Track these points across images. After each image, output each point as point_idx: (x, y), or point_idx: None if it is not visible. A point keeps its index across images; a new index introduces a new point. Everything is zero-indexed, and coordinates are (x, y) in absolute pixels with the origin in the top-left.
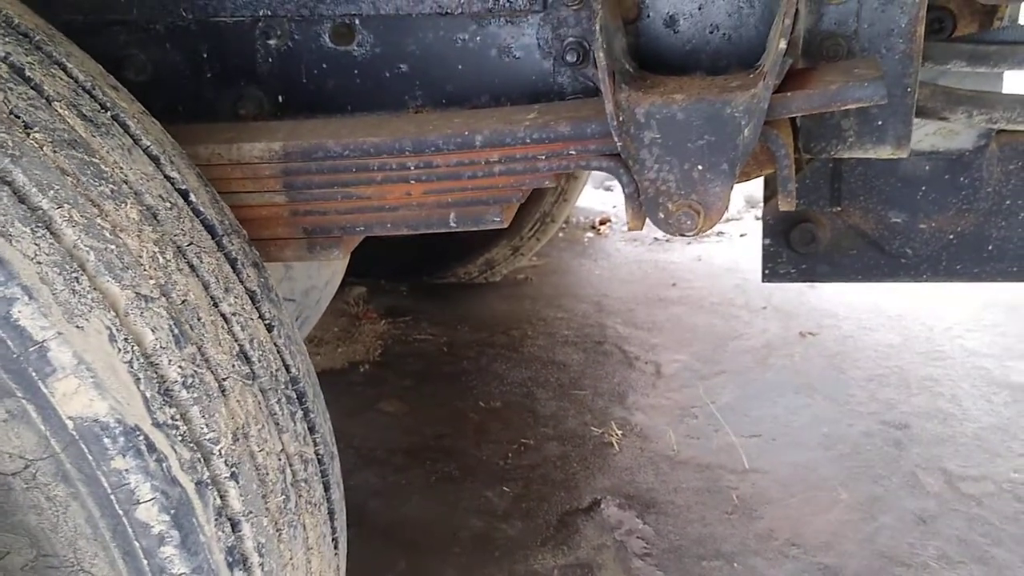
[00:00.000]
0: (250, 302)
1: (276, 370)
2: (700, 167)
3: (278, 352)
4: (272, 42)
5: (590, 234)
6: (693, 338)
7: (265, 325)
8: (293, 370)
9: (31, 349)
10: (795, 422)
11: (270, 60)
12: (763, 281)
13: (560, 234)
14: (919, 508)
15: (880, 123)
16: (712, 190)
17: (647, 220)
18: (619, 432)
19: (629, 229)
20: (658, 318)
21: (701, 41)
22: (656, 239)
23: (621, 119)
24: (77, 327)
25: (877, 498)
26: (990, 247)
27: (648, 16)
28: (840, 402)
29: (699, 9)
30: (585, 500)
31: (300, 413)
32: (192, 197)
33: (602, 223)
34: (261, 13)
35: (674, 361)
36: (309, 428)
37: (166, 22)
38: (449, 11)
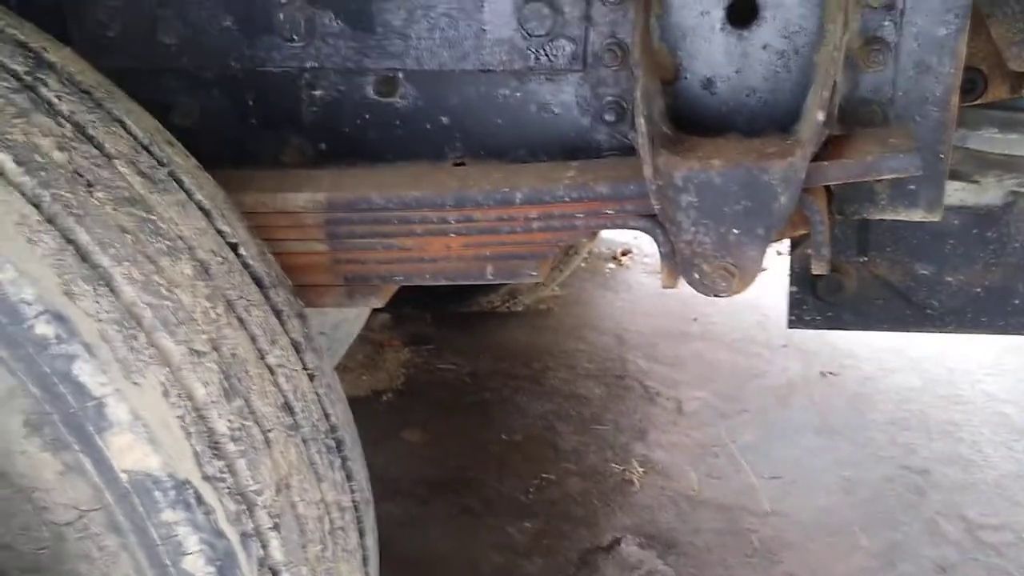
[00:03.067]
0: (294, 353)
1: (317, 420)
2: (736, 231)
3: (319, 401)
4: (317, 92)
5: (612, 265)
6: (714, 375)
7: (308, 375)
8: (333, 419)
9: (89, 405)
10: (816, 464)
11: (314, 109)
12: (789, 327)
13: (582, 264)
14: (939, 556)
15: (913, 188)
16: (748, 253)
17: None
18: (640, 470)
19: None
20: (680, 353)
21: (737, 103)
22: None
23: (659, 182)
24: (134, 383)
25: (897, 545)
26: (1016, 300)
27: (686, 78)
28: (861, 445)
29: (736, 72)
30: (606, 538)
31: (339, 461)
32: (241, 250)
33: (624, 254)
34: (308, 65)
35: (695, 398)
36: (347, 476)
37: (215, 71)
38: (491, 68)
